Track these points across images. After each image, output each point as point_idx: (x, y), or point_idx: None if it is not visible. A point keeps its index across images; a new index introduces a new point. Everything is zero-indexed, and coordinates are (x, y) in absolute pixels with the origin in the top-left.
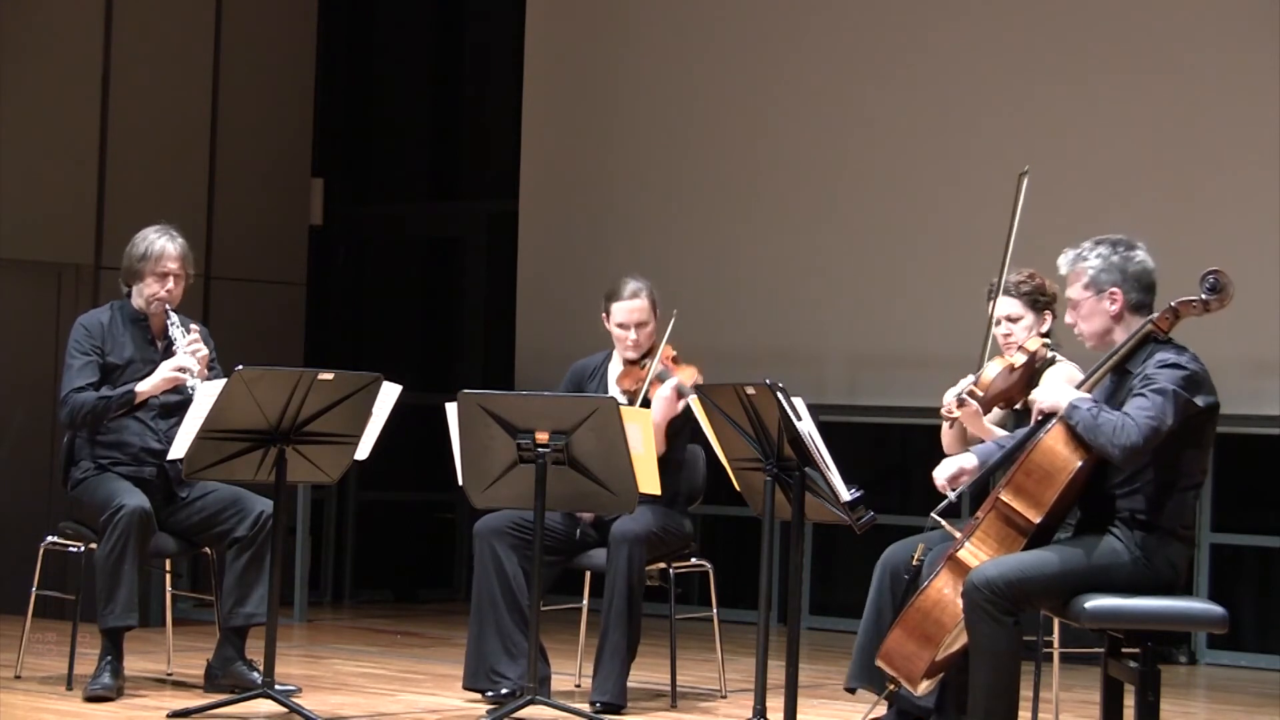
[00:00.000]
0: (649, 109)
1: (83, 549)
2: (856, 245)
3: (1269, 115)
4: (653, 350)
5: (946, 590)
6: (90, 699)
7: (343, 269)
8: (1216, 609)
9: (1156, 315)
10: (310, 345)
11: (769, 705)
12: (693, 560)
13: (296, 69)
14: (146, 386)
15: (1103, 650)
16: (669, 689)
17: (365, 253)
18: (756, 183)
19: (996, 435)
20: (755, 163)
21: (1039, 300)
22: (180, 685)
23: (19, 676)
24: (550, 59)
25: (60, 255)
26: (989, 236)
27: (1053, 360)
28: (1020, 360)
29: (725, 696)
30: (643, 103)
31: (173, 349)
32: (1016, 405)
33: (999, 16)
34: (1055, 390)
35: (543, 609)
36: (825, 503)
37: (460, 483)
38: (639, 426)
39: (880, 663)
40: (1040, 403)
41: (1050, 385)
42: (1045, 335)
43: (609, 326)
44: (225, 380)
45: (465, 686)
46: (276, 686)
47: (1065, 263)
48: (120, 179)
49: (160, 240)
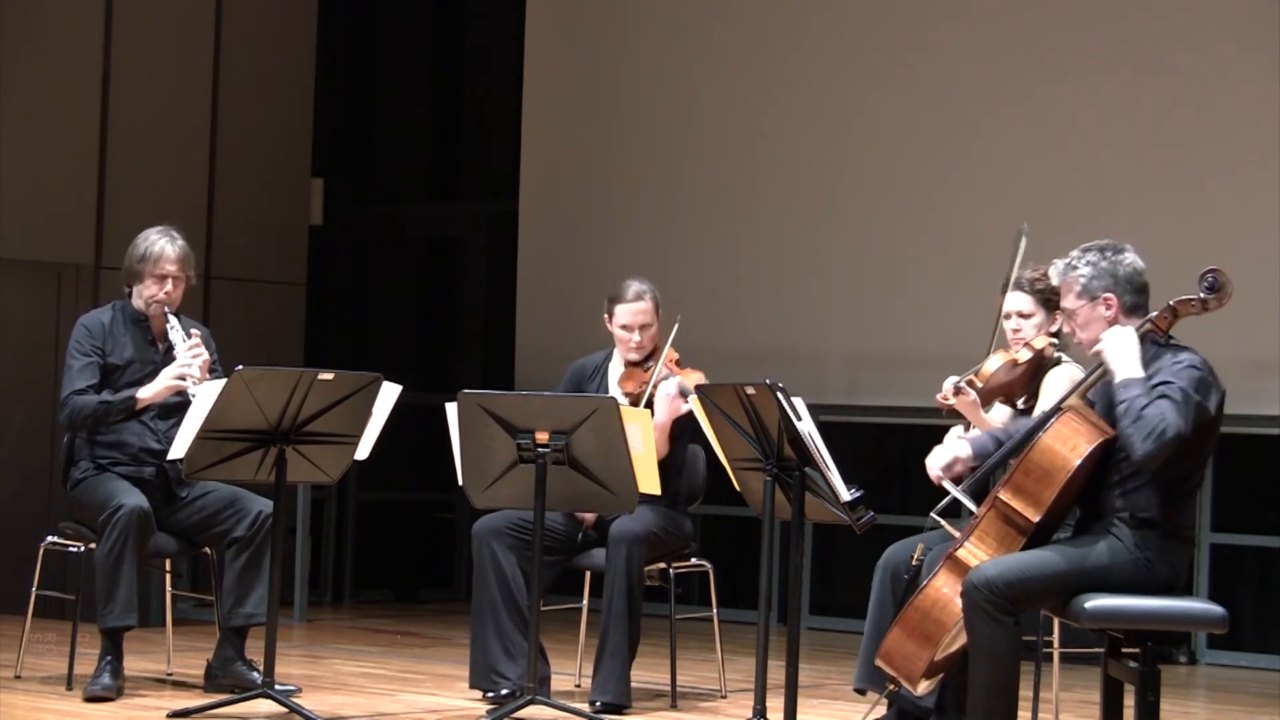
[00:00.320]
0: (649, 109)
1: (82, 549)
2: (856, 245)
3: (1269, 115)
4: (655, 353)
5: (946, 590)
6: (90, 699)
7: (343, 269)
8: (1216, 609)
9: (1154, 314)
10: (310, 345)
11: (769, 705)
12: (693, 560)
13: (296, 69)
14: (148, 394)
15: (1103, 650)
16: (669, 689)
17: (365, 253)
18: (756, 183)
19: (993, 426)
20: (755, 163)
21: (1051, 300)
22: (180, 685)
23: (19, 676)
24: (550, 59)
25: (60, 255)
26: (989, 236)
27: (1058, 361)
28: (1025, 357)
29: (725, 696)
30: (643, 103)
31: (173, 352)
32: (1017, 402)
33: (999, 16)
34: (1124, 352)
35: (542, 609)
36: (825, 503)
37: (460, 483)
38: (639, 426)
39: (880, 662)
40: (1103, 349)
41: (1121, 343)
42: (1054, 335)
43: (612, 328)
44: (225, 380)
45: (472, 686)
46: (276, 686)
47: (1056, 274)
48: (120, 179)
49: (160, 242)
